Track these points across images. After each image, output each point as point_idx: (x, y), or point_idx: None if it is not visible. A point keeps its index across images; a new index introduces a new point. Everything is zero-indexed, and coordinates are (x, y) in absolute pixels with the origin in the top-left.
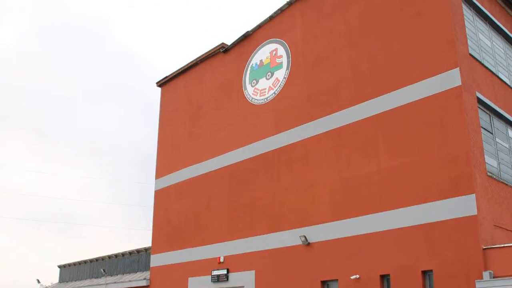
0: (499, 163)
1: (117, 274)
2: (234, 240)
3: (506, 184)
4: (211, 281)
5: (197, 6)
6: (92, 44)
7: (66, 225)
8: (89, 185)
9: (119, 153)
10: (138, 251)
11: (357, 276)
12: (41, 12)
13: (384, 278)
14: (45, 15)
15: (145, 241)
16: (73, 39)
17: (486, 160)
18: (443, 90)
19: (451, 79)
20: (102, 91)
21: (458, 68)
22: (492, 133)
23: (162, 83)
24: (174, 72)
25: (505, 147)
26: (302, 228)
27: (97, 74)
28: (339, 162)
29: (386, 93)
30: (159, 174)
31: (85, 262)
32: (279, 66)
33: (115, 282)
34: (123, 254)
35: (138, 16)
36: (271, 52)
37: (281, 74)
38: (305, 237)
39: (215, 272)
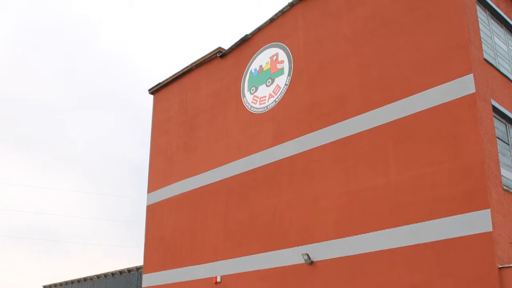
0: None
1: None
2: (232, 259)
3: None
4: None
5: (192, 7)
6: (79, 48)
7: (52, 242)
8: (77, 200)
9: (109, 165)
10: (129, 270)
11: None
12: (23, 15)
13: None
14: (27, 18)
15: (137, 260)
16: (58, 44)
17: (502, 173)
18: (456, 97)
19: (464, 86)
20: (90, 100)
21: (472, 74)
22: (508, 144)
23: (154, 90)
24: (167, 79)
25: None
26: (305, 245)
27: (85, 81)
28: (345, 174)
29: (395, 101)
30: (151, 187)
31: (72, 282)
32: (280, 72)
33: None
34: (113, 274)
35: (128, 18)
36: (271, 57)
37: (282, 81)
38: (308, 255)
39: None
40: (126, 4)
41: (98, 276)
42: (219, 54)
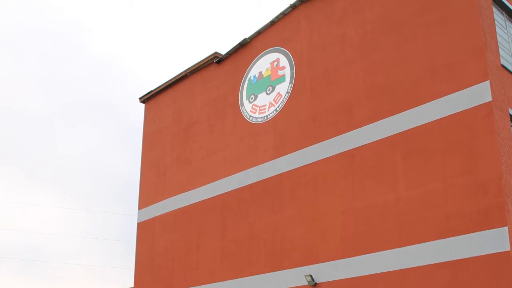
0: None
1: None
2: (229, 280)
3: None
4: None
5: (186, 10)
6: (63, 53)
7: (34, 262)
8: (61, 217)
9: (96, 180)
10: None
11: None
12: (5, 17)
13: None
14: (6, 20)
15: (127, 282)
16: (41, 48)
17: None
18: (471, 106)
19: (480, 94)
20: (76, 109)
21: (488, 81)
22: None
23: (146, 99)
24: (159, 86)
25: None
26: (308, 266)
27: (69, 89)
28: (351, 190)
29: (405, 110)
30: (142, 204)
31: None
32: (281, 79)
33: None
34: None
35: (118, 21)
36: (271, 63)
37: (283, 89)
38: (311, 276)
39: None
40: (116, 7)
41: None
42: (216, 60)
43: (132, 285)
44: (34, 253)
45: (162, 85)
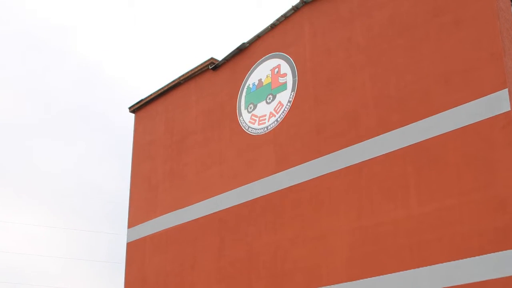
0: None
1: None
2: None
3: None
4: None
5: (180, 11)
6: (45, 59)
7: (15, 285)
8: (45, 236)
9: (82, 196)
10: None
11: None
12: None
13: None
14: None
15: None
16: (22, 54)
17: None
18: (488, 117)
19: (497, 103)
20: (59, 119)
21: (507, 89)
22: None
23: (136, 108)
24: (151, 95)
25: None
26: None
27: (52, 98)
28: (358, 206)
29: (417, 121)
30: (132, 222)
31: None
32: (283, 87)
33: None
34: None
35: (105, 25)
36: (272, 70)
37: (285, 97)
38: None
39: None
40: (104, 10)
41: None
42: (211, 66)
43: None
44: (17, 276)
45: (154, 93)
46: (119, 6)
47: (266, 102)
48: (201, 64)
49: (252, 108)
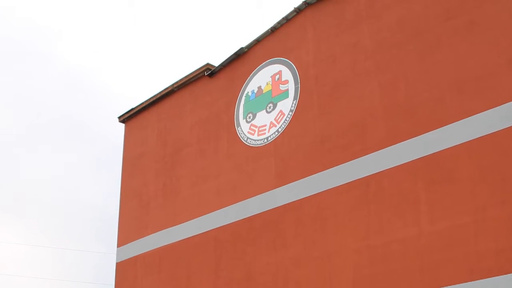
0: None
1: None
2: None
3: None
4: None
5: (173, 13)
6: (29, 65)
7: None
8: (29, 255)
9: (68, 212)
10: None
11: None
12: None
13: None
14: None
15: None
16: (3, 59)
17: None
18: (504, 127)
19: None
20: (44, 129)
21: None
22: None
23: (126, 118)
24: (142, 103)
25: None
26: None
27: (36, 107)
28: (365, 224)
29: (428, 131)
30: (122, 240)
31: None
32: (284, 95)
33: None
34: None
35: (92, 29)
36: (273, 76)
37: (286, 106)
38: None
39: None
40: (91, 13)
41: None
42: (207, 73)
43: None
44: None
45: (145, 102)
46: (108, 8)
47: (266, 111)
48: (196, 70)
49: (251, 117)
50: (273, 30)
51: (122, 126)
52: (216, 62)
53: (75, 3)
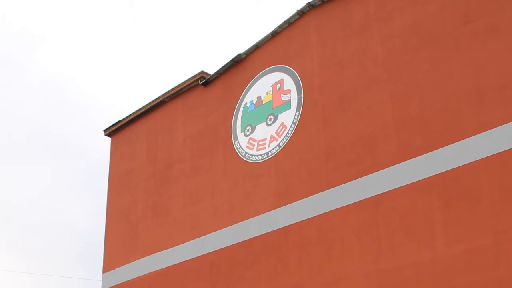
0: None
1: None
2: None
3: None
4: None
5: (165, 17)
6: (6, 74)
7: None
8: (7, 281)
9: (49, 235)
10: None
11: None
12: None
13: None
14: None
15: None
16: None
17: None
18: None
19: None
20: (22, 144)
21: None
22: None
23: (112, 131)
24: (130, 115)
25: None
26: None
27: (13, 119)
28: (375, 247)
29: (444, 146)
30: (108, 265)
31: None
32: (286, 105)
33: None
34: None
35: (75, 35)
36: (273, 85)
37: (288, 118)
38: None
39: None
40: (73, 17)
41: None
42: (202, 81)
43: None
44: None
45: (134, 113)
46: (92, 12)
47: (266, 124)
48: (190, 79)
49: (249, 130)
50: (274, 34)
51: (108, 140)
52: (212, 70)
53: (56, 6)
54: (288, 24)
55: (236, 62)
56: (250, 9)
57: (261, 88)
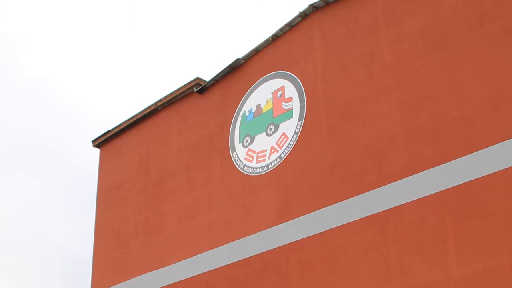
0: None
1: None
2: None
3: None
4: None
5: (157, 20)
6: None
7: None
8: None
9: (32, 253)
10: None
11: None
12: None
13: None
14: None
15: None
16: None
17: None
18: None
19: None
20: (3, 157)
21: None
22: None
23: (101, 142)
24: (120, 125)
25: None
26: None
27: None
28: (383, 266)
29: (457, 157)
30: (96, 286)
31: None
32: (287, 114)
33: None
34: None
35: (61, 37)
36: (274, 93)
37: (290, 128)
38: None
39: None
40: (59, 18)
41: None
42: (197, 88)
43: None
44: None
45: (124, 123)
46: (78, 14)
47: (266, 134)
48: (184, 86)
49: (248, 141)
50: (275, 38)
51: (96, 151)
52: (208, 76)
53: (40, 8)
54: (290, 27)
55: (234, 67)
56: (249, 11)
57: (260, 95)
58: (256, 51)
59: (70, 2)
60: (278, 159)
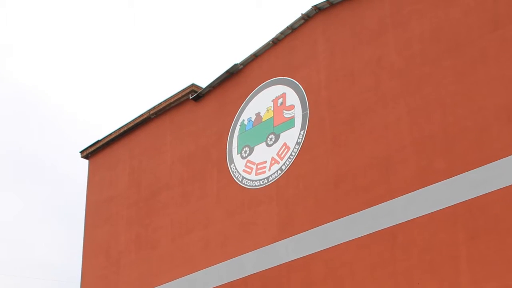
0: None
1: None
2: None
3: None
4: None
5: (151, 21)
6: None
7: None
8: None
9: (17, 271)
10: None
11: None
12: None
13: None
14: None
15: None
16: None
17: None
18: None
19: None
20: None
21: None
22: None
23: (90, 153)
24: (110, 134)
25: None
26: None
27: None
28: (392, 286)
29: (470, 169)
30: None
31: None
32: (289, 123)
33: None
34: None
35: (49, 44)
36: (274, 101)
37: (292, 138)
38: None
39: None
40: (47, 23)
41: None
42: (193, 96)
43: None
44: None
45: (114, 132)
46: (67, 19)
47: (266, 145)
48: (179, 93)
49: (247, 152)
50: (275, 42)
51: (85, 162)
52: (204, 83)
53: (27, 13)
54: (292, 30)
55: (232, 73)
56: (248, 13)
57: (260, 103)
58: (256, 56)
59: (59, 8)
60: (279, 171)
